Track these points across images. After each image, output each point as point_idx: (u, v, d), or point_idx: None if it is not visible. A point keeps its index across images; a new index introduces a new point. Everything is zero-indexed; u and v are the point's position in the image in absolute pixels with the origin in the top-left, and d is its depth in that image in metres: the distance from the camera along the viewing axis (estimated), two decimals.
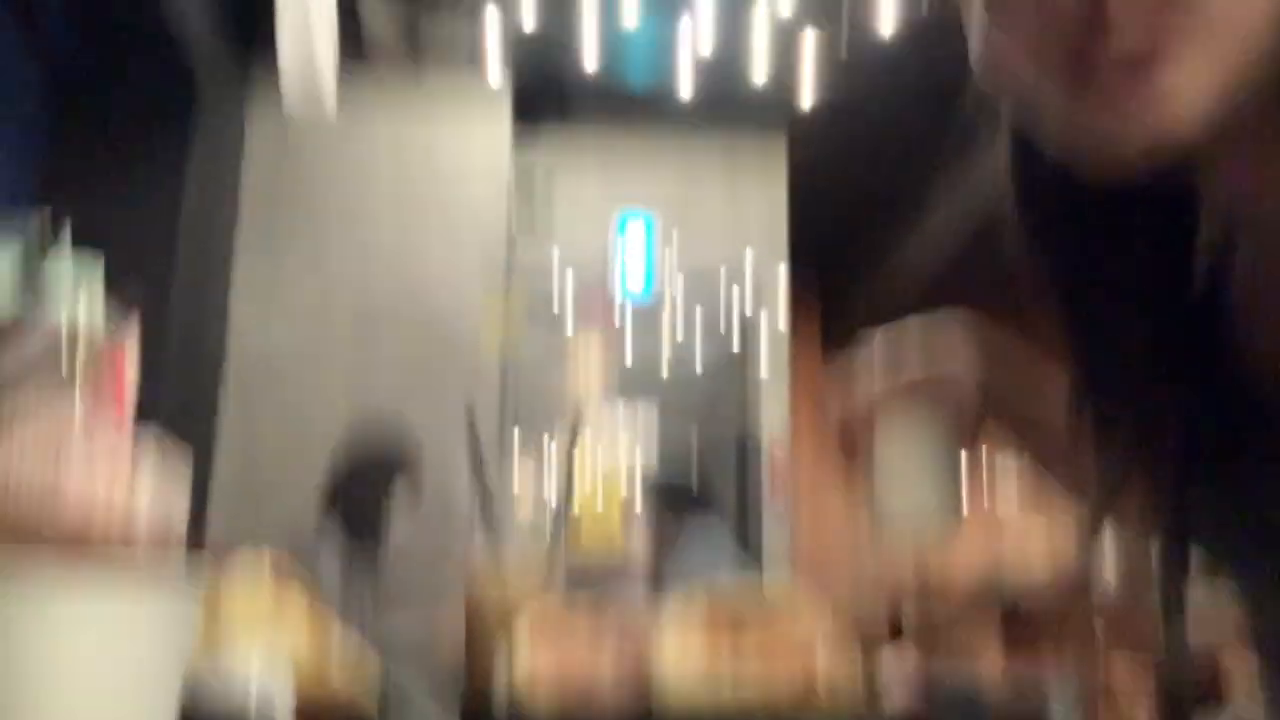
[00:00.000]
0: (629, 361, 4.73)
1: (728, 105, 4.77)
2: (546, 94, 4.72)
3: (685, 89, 4.30)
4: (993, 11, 0.59)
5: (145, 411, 2.11)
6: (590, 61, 4.12)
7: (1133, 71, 0.53)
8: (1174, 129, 0.53)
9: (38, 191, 3.41)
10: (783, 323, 4.79)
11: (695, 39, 3.97)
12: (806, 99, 4.37)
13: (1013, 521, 3.27)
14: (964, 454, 0.87)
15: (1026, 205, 0.69)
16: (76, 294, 1.76)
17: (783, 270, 4.79)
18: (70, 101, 3.62)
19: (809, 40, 4.14)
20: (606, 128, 4.82)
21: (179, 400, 3.68)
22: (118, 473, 1.04)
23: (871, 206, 5.96)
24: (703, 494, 3.61)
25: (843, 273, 6.81)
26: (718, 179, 4.83)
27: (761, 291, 4.77)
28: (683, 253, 4.74)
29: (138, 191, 3.59)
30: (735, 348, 4.82)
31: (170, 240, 3.68)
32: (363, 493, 3.07)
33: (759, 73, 4.36)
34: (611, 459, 4.52)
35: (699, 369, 4.80)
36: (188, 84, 3.80)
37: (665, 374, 4.75)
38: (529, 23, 4.30)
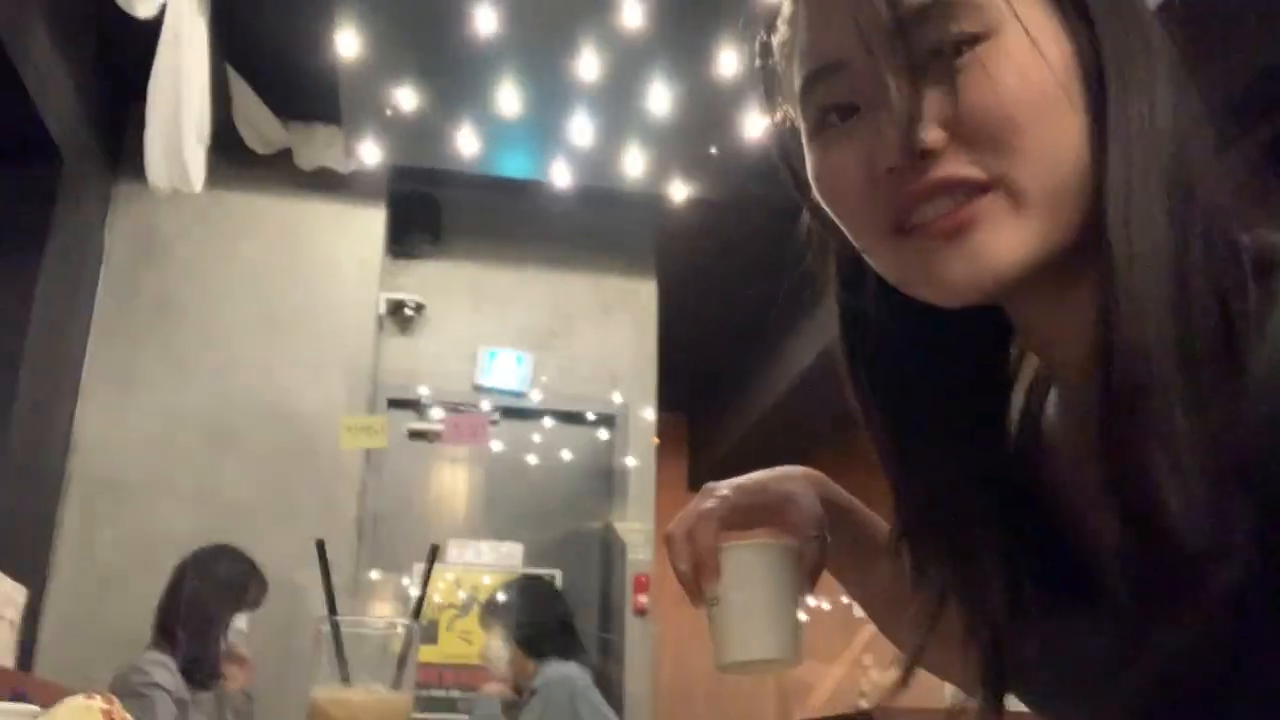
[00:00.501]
0: (495, 491, 4.68)
1: (600, 237, 4.90)
2: (420, 222, 4.76)
3: (560, 182, 4.36)
4: (819, 176, 0.67)
5: None
6: (470, 150, 4.14)
7: (945, 235, 0.61)
8: (982, 279, 0.61)
9: None
10: (649, 457, 4.83)
11: (575, 134, 4.06)
12: (678, 197, 4.49)
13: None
14: (803, 597, 0.85)
15: (851, 329, 0.75)
16: None
17: (650, 407, 4.85)
18: None
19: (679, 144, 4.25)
20: (478, 260, 4.87)
21: (17, 528, 3.48)
22: None
23: (736, 343, 6.14)
24: (564, 630, 3.55)
25: (710, 409, 6.95)
26: (589, 315, 4.91)
27: (628, 428, 4.82)
28: (551, 387, 4.76)
29: None
30: (602, 482, 4.82)
31: (16, 354, 3.53)
32: (200, 624, 2.93)
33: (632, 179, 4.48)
34: (473, 587, 4.44)
35: (565, 503, 4.78)
36: (50, 180, 3.71)
37: (530, 509, 4.72)
38: (403, 152, 4.36)
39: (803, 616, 0.86)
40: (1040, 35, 0.60)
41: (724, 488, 0.88)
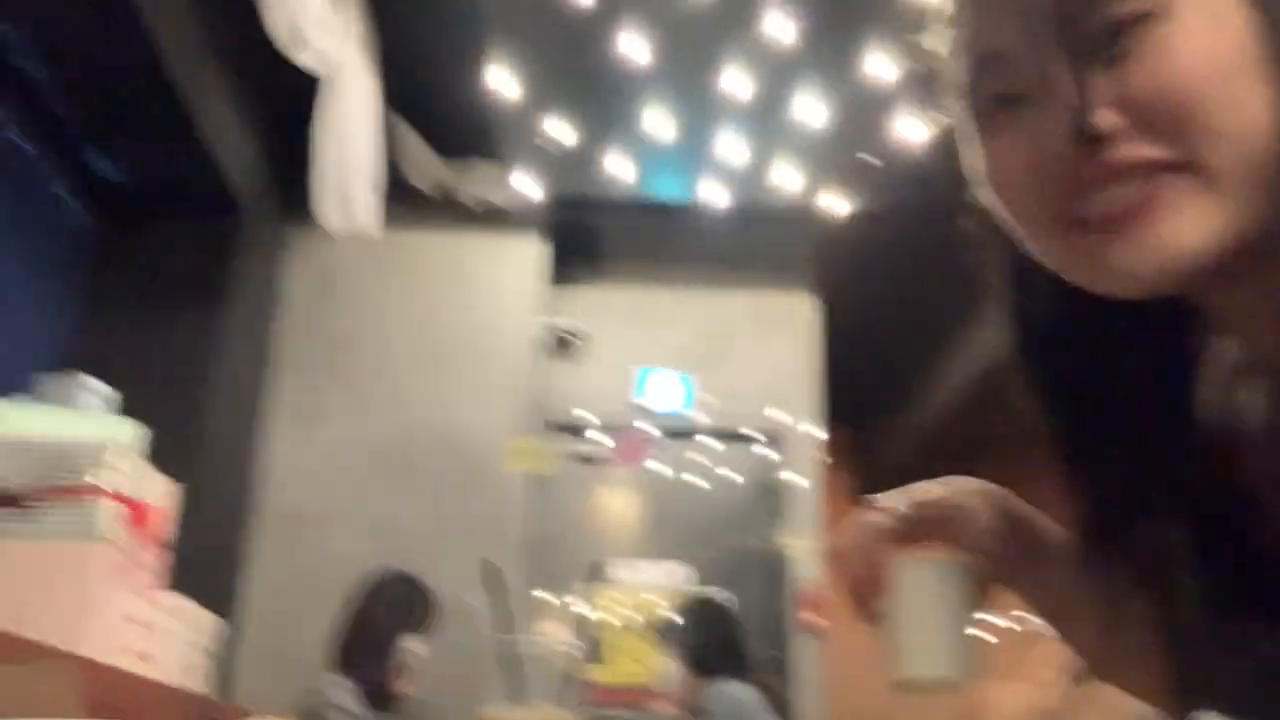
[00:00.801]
0: (659, 511, 4.69)
1: (756, 254, 4.87)
2: (578, 250, 4.84)
3: (714, 202, 4.37)
4: (988, 172, 0.65)
5: (175, 572, 2.11)
6: (624, 176, 4.21)
7: (1124, 223, 0.58)
8: (1167, 269, 0.58)
9: (71, 352, 3.50)
10: (813, 475, 4.76)
11: (727, 154, 4.05)
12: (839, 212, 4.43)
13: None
14: (977, 615, 0.81)
15: (1022, 327, 0.72)
16: (111, 455, 1.78)
17: (813, 423, 4.78)
18: (106, 258, 3.75)
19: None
20: (636, 283, 4.91)
21: (209, 560, 3.68)
22: (146, 638, 1.03)
23: (900, 353, 5.99)
24: (734, 650, 3.51)
25: (872, 421, 6.81)
26: (747, 332, 4.88)
27: (792, 444, 4.76)
28: (712, 406, 4.75)
29: (172, 350, 3.68)
30: (767, 500, 4.78)
31: (204, 399, 3.74)
32: (375, 646, 3.02)
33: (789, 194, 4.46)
34: (640, 606, 4.45)
35: (729, 522, 4.75)
36: (230, 230, 3.94)
37: (694, 529, 4.71)
38: (559, 182, 4.45)
39: (976, 634, 0.82)
40: (1216, 6, 0.57)
41: (893, 499, 0.85)
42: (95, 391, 2.03)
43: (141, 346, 3.54)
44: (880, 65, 3.56)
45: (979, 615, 0.82)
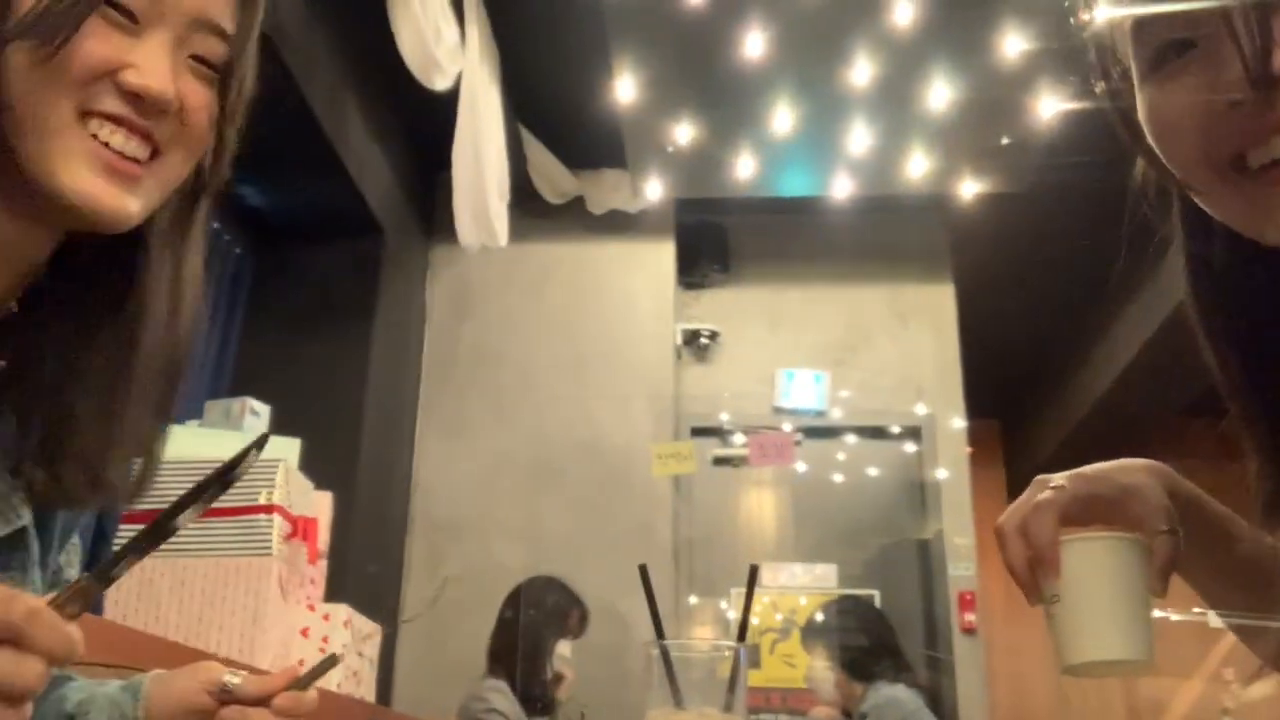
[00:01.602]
0: (806, 512, 4.65)
1: (890, 245, 4.79)
2: (708, 251, 4.84)
3: (844, 195, 4.32)
4: (1152, 119, 0.63)
5: (337, 581, 2.19)
6: (753, 175, 4.19)
7: None
8: None
9: (233, 376, 3.68)
10: (963, 467, 4.64)
11: (856, 145, 3.99)
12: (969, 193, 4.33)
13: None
14: (1154, 598, 0.78)
15: (1200, 277, 0.71)
16: (280, 475, 1.87)
17: (958, 415, 4.67)
18: (261, 285, 3.93)
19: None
20: (768, 282, 4.88)
21: (369, 570, 3.81)
22: (315, 648, 1.08)
23: (1047, 340, 5.80)
24: (886, 652, 3.45)
25: (1025, 413, 6.60)
26: (885, 326, 4.80)
27: (938, 437, 4.65)
28: (852, 403, 4.69)
29: (326, 369, 3.83)
30: (914, 496, 4.68)
31: (357, 415, 3.88)
32: (530, 651, 3.08)
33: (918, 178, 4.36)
34: (791, 609, 4.42)
35: (876, 521, 4.67)
36: (375, 252, 4.08)
37: (841, 528, 4.65)
38: (686, 185, 4.46)
39: (1155, 616, 0.79)
40: None
41: (1060, 478, 0.82)
42: (258, 412, 2.13)
43: (297, 366, 3.70)
44: (1010, 42, 3.46)
45: (1154, 601, 0.79)
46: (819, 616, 3.83)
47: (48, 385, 0.78)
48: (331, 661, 0.99)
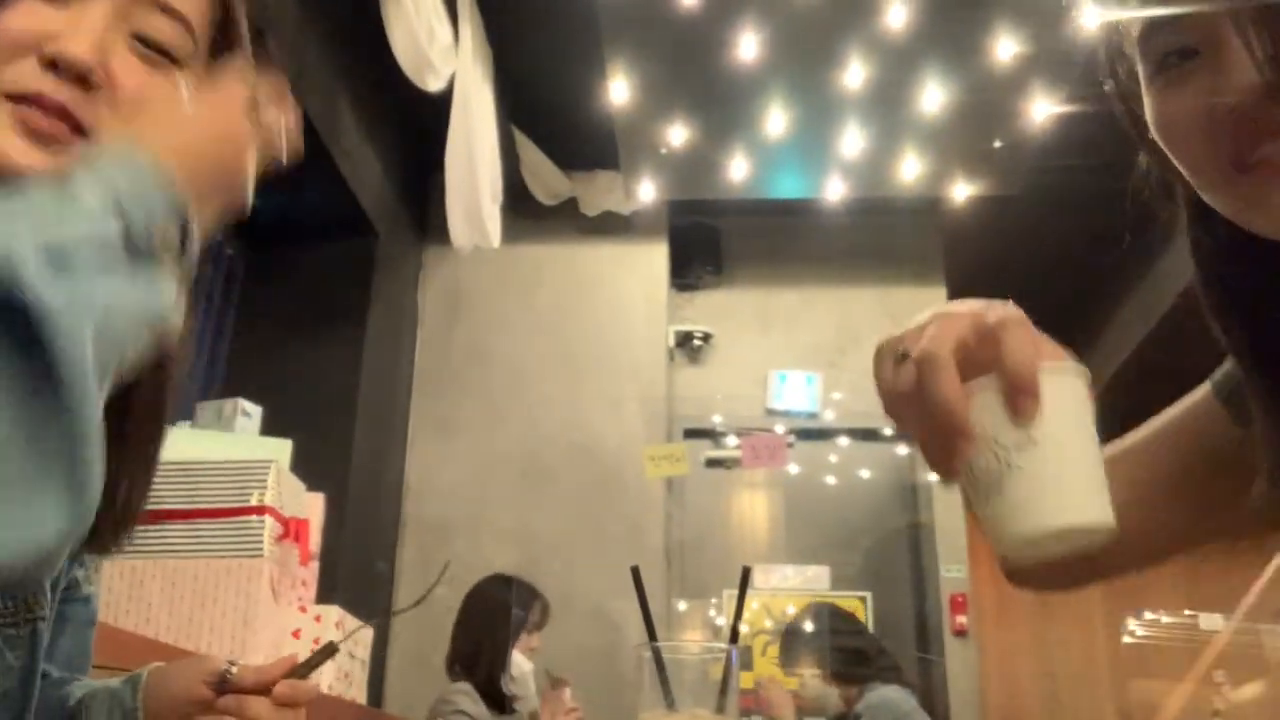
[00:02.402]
0: (797, 514, 4.65)
1: (882, 248, 4.79)
2: (701, 253, 4.85)
3: (837, 197, 4.33)
4: (1158, 120, 0.67)
5: (328, 583, 2.19)
6: (746, 177, 4.20)
7: None
8: None
9: (225, 376, 3.67)
10: None
11: (849, 148, 4.00)
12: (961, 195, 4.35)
13: None
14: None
15: (1208, 264, 0.73)
16: (271, 476, 1.86)
17: None
18: (253, 286, 3.92)
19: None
20: (761, 284, 4.89)
21: (360, 571, 3.80)
22: (305, 649, 1.08)
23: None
24: (866, 655, 3.45)
25: None
26: (877, 328, 4.80)
27: None
28: (844, 405, 4.69)
29: (318, 370, 3.82)
30: (905, 499, 4.69)
31: (349, 415, 3.88)
32: (485, 651, 3.07)
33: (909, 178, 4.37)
34: (780, 613, 4.42)
35: (868, 523, 4.68)
36: (368, 252, 4.07)
37: (833, 531, 4.65)
38: (679, 187, 4.46)
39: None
40: None
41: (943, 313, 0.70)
42: (249, 413, 2.13)
43: (289, 367, 3.70)
44: (1002, 45, 3.47)
45: (1151, 602, 0.77)
46: (805, 625, 3.76)
47: None
48: (330, 650, 0.99)
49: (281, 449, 2.01)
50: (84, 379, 0.51)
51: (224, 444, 1.98)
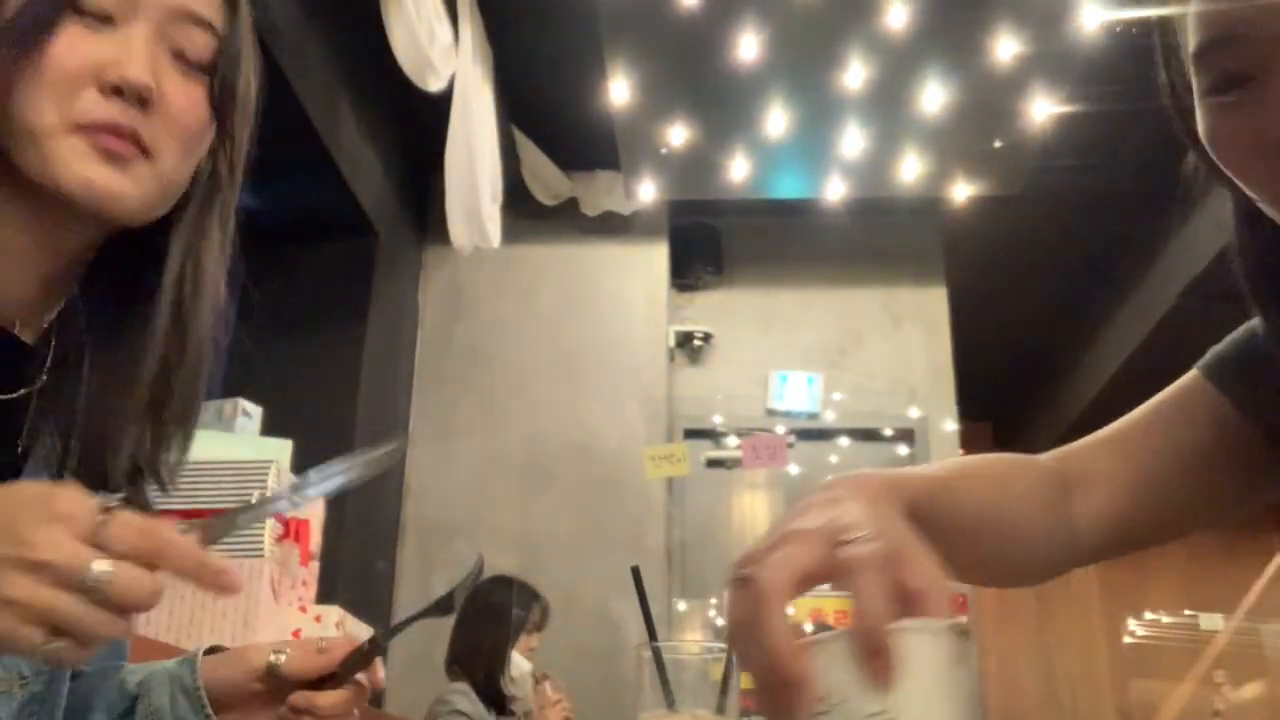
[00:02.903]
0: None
1: (883, 248, 4.79)
2: (702, 253, 4.85)
3: (837, 198, 4.34)
4: (1212, 139, 0.68)
5: (329, 583, 2.19)
6: (746, 178, 4.21)
7: None
8: None
9: (227, 376, 3.67)
10: None
11: (849, 148, 4.00)
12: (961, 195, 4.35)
13: None
14: None
15: (1254, 269, 0.75)
16: (272, 476, 1.86)
17: (951, 418, 4.68)
18: (255, 282, 3.92)
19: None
20: (762, 284, 4.89)
21: (361, 571, 3.80)
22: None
23: (1041, 340, 5.81)
24: None
25: (1018, 414, 6.62)
26: (878, 328, 4.80)
27: (931, 439, 4.66)
28: (845, 405, 4.69)
29: (318, 370, 3.82)
30: None
31: (349, 415, 3.88)
32: (483, 652, 3.08)
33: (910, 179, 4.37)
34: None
35: None
36: (368, 253, 4.08)
37: None
38: (679, 187, 4.46)
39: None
40: None
41: (783, 537, 0.59)
42: (250, 413, 2.13)
43: (289, 368, 3.69)
44: (1003, 45, 3.47)
45: (1151, 603, 0.78)
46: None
47: (84, 386, 0.81)
48: (373, 648, 0.99)
49: (282, 449, 2.01)
50: None
51: (224, 444, 1.98)
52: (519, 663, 3.16)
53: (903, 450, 4.71)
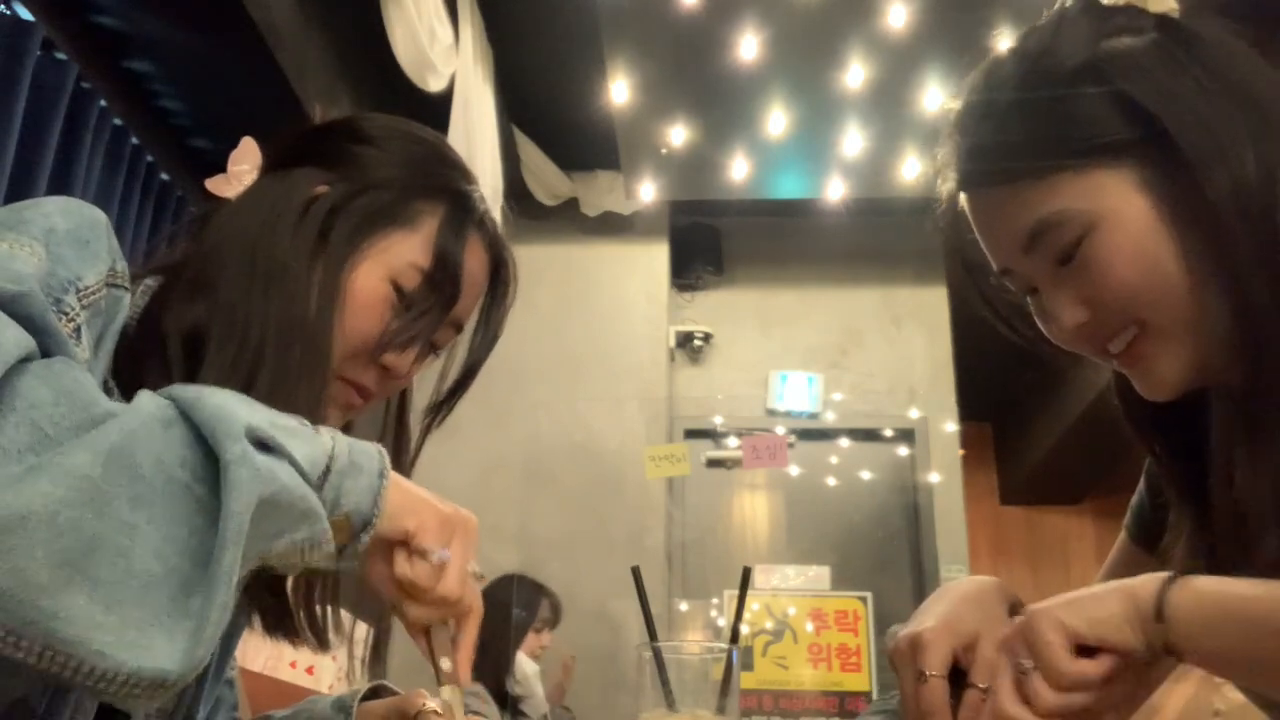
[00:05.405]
0: (798, 514, 4.65)
1: (883, 248, 4.79)
2: (702, 253, 4.85)
3: (838, 198, 4.34)
4: (1044, 324, 0.90)
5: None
6: (747, 177, 4.21)
7: (1129, 363, 0.85)
8: (1163, 385, 0.83)
9: None
10: (955, 470, 4.65)
11: (850, 148, 4.00)
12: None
13: None
14: None
15: (1125, 407, 0.96)
16: None
17: (951, 418, 4.68)
18: None
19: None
20: (762, 284, 4.89)
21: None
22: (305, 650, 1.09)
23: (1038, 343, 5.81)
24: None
25: (1018, 415, 6.61)
26: (879, 329, 4.81)
27: (931, 440, 4.66)
28: (845, 405, 4.69)
29: None
30: (906, 499, 4.69)
31: None
32: (494, 652, 3.07)
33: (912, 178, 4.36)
34: (781, 613, 4.42)
35: (869, 523, 4.68)
36: None
37: (834, 531, 4.65)
38: (680, 187, 4.46)
39: None
40: (1121, 207, 0.79)
41: (932, 658, 0.79)
42: None
43: None
44: (1004, 45, 3.46)
45: None
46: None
47: None
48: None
49: None
50: (238, 534, 0.56)
51: None
52: (524, 663, 3.16)
53: (903, 450, 4.71)
